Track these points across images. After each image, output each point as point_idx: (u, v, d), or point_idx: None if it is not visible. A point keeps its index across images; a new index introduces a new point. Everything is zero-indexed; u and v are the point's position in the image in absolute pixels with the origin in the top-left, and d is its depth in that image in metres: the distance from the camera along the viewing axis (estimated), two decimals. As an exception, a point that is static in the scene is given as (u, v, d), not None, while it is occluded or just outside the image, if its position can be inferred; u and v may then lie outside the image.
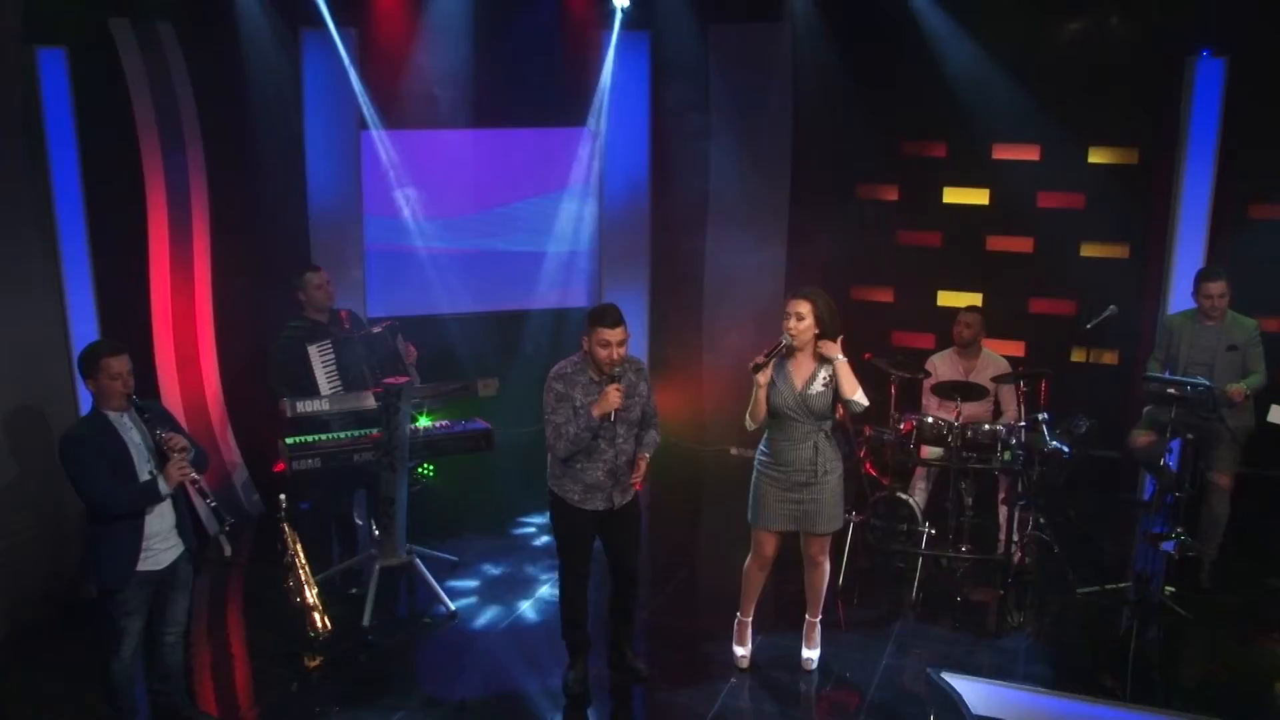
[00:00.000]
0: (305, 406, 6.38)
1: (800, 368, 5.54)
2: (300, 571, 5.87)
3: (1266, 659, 6.25)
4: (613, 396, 5.23)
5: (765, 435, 5.66)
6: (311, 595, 5.83)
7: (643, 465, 5.50)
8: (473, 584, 7.05)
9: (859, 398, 5.49)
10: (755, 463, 5.73)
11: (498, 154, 9.32)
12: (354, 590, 6.77)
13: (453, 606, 6.61)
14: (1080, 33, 8.64)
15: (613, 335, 5.26)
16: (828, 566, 5.87)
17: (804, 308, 5.46)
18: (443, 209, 9.21)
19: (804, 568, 5.88)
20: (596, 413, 5.27)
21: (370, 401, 6.46)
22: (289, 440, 6.51)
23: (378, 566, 6.61)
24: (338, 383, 6.91)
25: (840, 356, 5.46)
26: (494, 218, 9.37)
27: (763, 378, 5.43)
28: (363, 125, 8.60)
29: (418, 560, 6.73)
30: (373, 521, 6.97)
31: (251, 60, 7.93)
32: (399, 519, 6.59)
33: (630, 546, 5.74)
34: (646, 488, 6.29)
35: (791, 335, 5.46)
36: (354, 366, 6.92)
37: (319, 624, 5.77)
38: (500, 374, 7.00)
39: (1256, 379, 6.85)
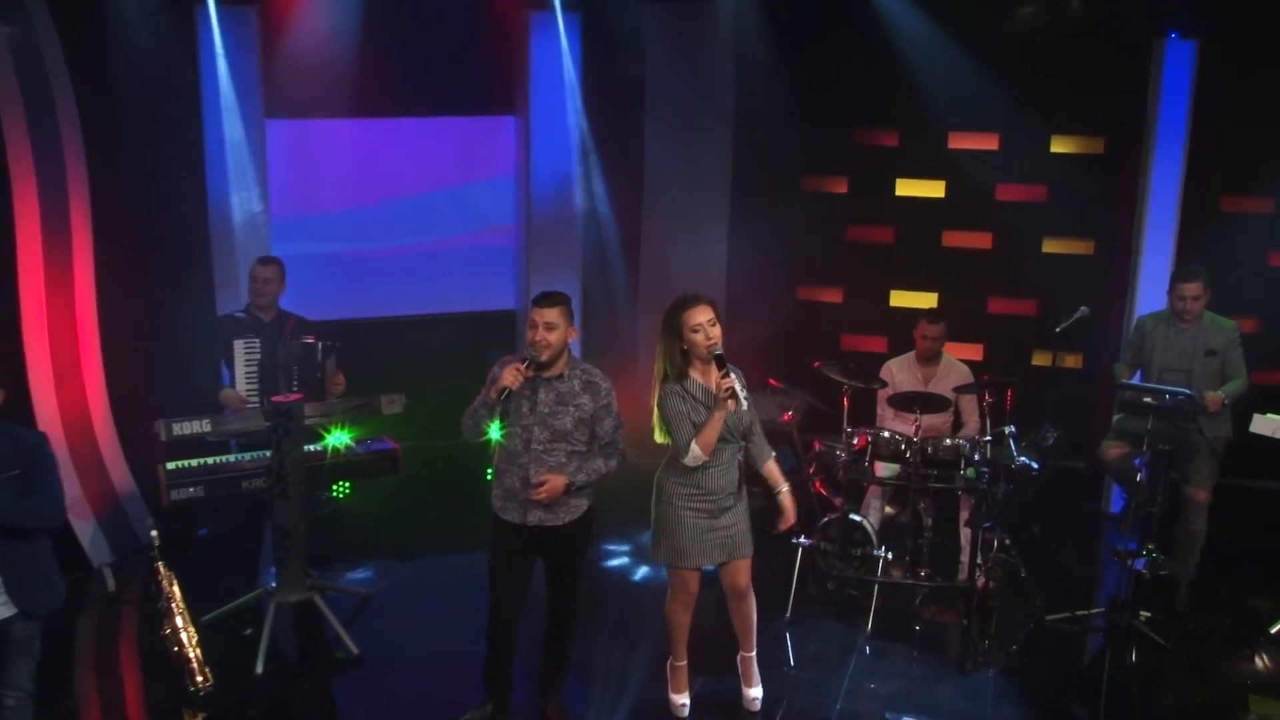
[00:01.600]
0: (182, 428, 5.71)
1: (718, 383, 4.96)
2: (177, 618, 5.18)
3: (1248, 688, 5.86)
4: (507, 373, 4.89)
5: (673, 466, 5.11)
6: (190, 644, 5.15)
7: (552, 480, 4.96)
8: (384, 619, 6.43)
9: None
10: (670, 498, 5.14)
11: (415, 144, 8.85)
12: (249, 630, 6.10)
13: (355, 650, 5.98)
14: (1042, 13, 8.33)
15: (539, 315, 4.99)
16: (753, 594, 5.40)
17: (713, 310, 5.02)
18: (354, 204, 8.71)
19: (729, 602, 5.37)
20: (493, 391, 4.94)
21: (260, 422, 5.79)
22: (169, 465, 5.86)
23: (274, 604, 5.95)
24: (255, 387, 6.49)
25: None
26: (411, 214, 8.86)
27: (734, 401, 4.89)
28: (269, 114, 8.02)
29: (317, 596, 6.09)
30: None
31: (139, 40, 7.29)
32: (296, 551, 5.94)
33: (564, 576, 5.29)
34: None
35: (719, 344, 4.97)
36: (273, 374, 6.46)
37: (198, 677, 5.10)
38: (415, 385, 6.48)
39: (1237, 384, 6.43)
